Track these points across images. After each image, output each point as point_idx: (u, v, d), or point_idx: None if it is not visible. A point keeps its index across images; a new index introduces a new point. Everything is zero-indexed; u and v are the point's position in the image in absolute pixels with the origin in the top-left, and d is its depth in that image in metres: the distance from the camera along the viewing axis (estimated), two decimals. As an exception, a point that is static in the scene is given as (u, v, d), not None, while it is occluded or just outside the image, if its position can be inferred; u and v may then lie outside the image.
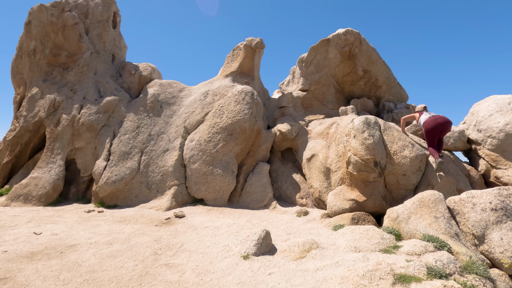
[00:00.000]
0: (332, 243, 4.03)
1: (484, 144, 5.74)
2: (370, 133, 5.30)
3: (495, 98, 6.01)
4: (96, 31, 9.21)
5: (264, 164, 7.32)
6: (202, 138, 7.21)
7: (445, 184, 5.15)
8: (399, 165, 5.32)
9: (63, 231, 4.67)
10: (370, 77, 8.90)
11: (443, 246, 3.58)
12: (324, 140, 7.20)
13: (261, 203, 6.67)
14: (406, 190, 5.42)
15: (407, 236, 4.06)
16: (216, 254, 3.73)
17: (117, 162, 7.18)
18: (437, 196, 4.22)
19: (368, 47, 8.57)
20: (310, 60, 9.07)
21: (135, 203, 6.79)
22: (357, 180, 5.40)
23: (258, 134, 7.55)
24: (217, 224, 5.22)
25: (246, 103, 7.35)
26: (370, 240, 3.96)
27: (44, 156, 7.54)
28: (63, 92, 8.30)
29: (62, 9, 8.79)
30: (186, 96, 8.71)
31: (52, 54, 8.70)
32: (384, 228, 4.26)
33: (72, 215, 5.86)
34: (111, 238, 4.36)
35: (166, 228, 5.00)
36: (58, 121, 7.90)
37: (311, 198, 6.68)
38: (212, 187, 6.81)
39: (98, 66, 8.96)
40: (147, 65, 9.35)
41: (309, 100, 9.03)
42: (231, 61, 9.03)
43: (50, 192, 6.94)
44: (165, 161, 7.24)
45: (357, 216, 5.03)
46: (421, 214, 4.15)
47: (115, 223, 5.30)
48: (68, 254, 3.71)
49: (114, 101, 8.18)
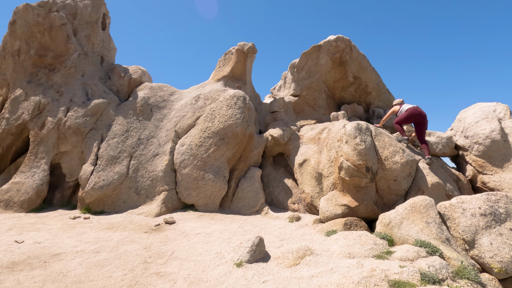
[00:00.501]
0: (326, 249, 4.00)
1: (471, 150, 5.89)
2: (362, 139, 5.35)
3: (480, 106, 6.20)
4: (85, 32, 9.00)
5: (256, 169, 7.27)
6: (193, 143, 7.10)
7: (435, 189, 5.24)
8: (390, 170, 5.39)
9: (47, 239, 4.47)
10: (360, 83, 9.04)
11: (435, 251, 3.61)
12: (316, 145, 7.23)
13: (253, 209, 6.61)
14: (397, 195, 5.48)
15: (399, 241, 4.08)
16: (209, 262, 3.64)
17: (105, 167, 6.97)
18: (428, 201, 4.28)
19: (359, 54, 8.72)
20: (301, 66, 9.15)
21: (124, 209, 6.60)
22: (349, 185, 5.42)
23: (250, 138, 7.51)
24: (209, 230, 5.12)
25: (238, 107, 7.31)
26: (364, 245, 3.96)
27: (28, 160, 7.26)
28: (49, 94, 8.04)
29: (49, 9, 8.57)
30: (177, 100, 8.59)
31: (37, 55, 8.44)
32: (377, 234, 4.28)
33: (57, 222, 5.63)
34: (98, 246, 4.20)
35: (156, 235, 4.86)
36: (43, 124, 7.63)
37: (303, 203, 6.67)
38: (203, 192, 6.70)
39: (86, 68, 8.74)
40: (137, 68, 9.20)
41: (301, 105, 9.08)
42: (223, 65, 9.00)
43: (33, 197, 6.66)
44: (155, 166, 7.09)
45: (349, 222, 5.04)
46: (413, 220, 4.19)
47: (103, 230, 5.12)
48: (52, 263, 3.54)
49: (103, 104, 7.98)
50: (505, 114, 5.80)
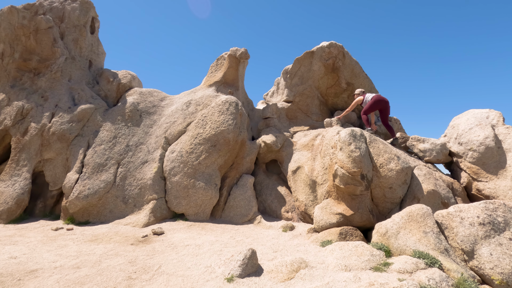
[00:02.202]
0: (321, 261, 3.83)
1: (465, 157, 5.85)
2: (356, 146, 5.24)
3: (473, 112, 6.19)
4: (72, 36, 8.76)
5: (248, 177, 7.09)
6: (184, 149, 6.88)
7: (430, 197, 5.14)
8: (386, 178, 5.28)
9: (24, 254, 4.16)
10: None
11: (434, 262, 3.48)
12: (310, 152, 7.10)
13: (245, 218, 6.39)
14: (392, 203, 5.37)
15: (396, 252, 3.94)
16: (198, 277, 3.41)
17: (91, 175, 6.68)
18: (425, 210, 4.16)
19: (351, 60, 8.70)
20: (294, 72, 9.08)
21: (110, 219, 6.30)
22: (344, 193, 5.28)
23: (242, 145, 7.34)
24: (199, 241, 4.89)
25: (230, 113, 7.15)
26: (360, 257, 3.80)
27: (8, 168, 6.90)
28: (33, 99, 7.73)
29: (36, 12, 8.31)
30: (167, 106, 8.38)
31: (22, 58, 8.14)
32: (374, 244, 4.13)
33: (37, 234, 5.31)
34: (79, 261, 3.92)
35: (142, 247, 4.60)
36: (26, 130, 7.30)
37: (297, 211, 6.50)
38: (193, 201, 6.47)
39: (73, 72, 8.47)
40: (126, 73, 8.97)
41: (294, 112, 8.98)
42: (215, 70, 8.85)
43: (13, 208, 6.31)
44: (144, 174, 6.83)
45: (344, 231, 4.88)
46: (410, 229, 4.06)
47: (86, 243, 4.83)
48: (27, 281, 3.26)
49: (90, 110, 7.71)
50: (498, 120, 5.80)
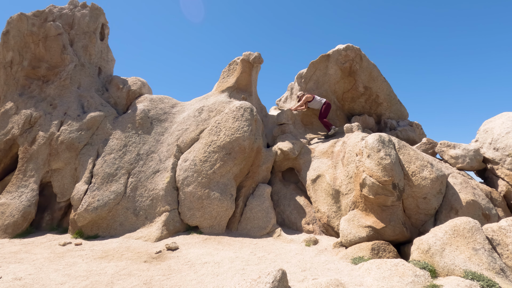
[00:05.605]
0: (359, 283, 3.40)
1: (502, 163, 5.40)
2: (386, 152, 4.83)
3: (508, 115, 5.75)
4: (82, 43, 8.59)
5: (265, 186, 6.70)
6: (197, 158, 6.54)
7: (470, 208, 4.69)
8: (419, 187, 4.84)
9: (29, 274, 3.81)
10: (370, 94, 8.64)
11: (492, 285, 3.04)
12: (329, 159, 6.70)
13: (263, 231, 5.98)
14: (427, 215, 4.92)
15: (443, 272, 3.49)
16: (223, 303, 3.02)
17: (100, 185, 6.36)
18: (473, 224, 3.72)
19: (369, 64, 8.36)
20: (309, 76, 8.76)
21: (120, 232, 5.95)
22: (373, 204, 4.86)
23: (258, 153, 6.97)
24: (217, 258, 4.49)
25: (245, 119, 6.82)
26: (403, 278, 3.36)
27: (15, 179, 6.63)
28: (41, 107, 7.51)
29: (45, 19, 8.18)
30: (179, 112, 8.09)
31: (31, 66, 7.97)
32: (415, 263, 3.68)
33: (43, 250, 4.96)
34: (89, 283, 3.55)
35: (157, 265, 4.22)
36: (34, 139, 7.05)
37: (319, 223, 6.07)
38: (208, 212, 6.09)
39: (83, 79, 8.27)
40: (136, 79, 8.74)
41: (309, 117, 8.62)
42: (227, 76, 8.58)
43: (19, 221, 6.00)
44: (155, 184, 6.49)
45: (377, 246, 4.44)
46: (457, 246, 3.62)
47: (96, 260, 4.47)
48: (32, 309, 2.90)
49: (99, 117, 7.45)
50: (537, 124, 5.36)
